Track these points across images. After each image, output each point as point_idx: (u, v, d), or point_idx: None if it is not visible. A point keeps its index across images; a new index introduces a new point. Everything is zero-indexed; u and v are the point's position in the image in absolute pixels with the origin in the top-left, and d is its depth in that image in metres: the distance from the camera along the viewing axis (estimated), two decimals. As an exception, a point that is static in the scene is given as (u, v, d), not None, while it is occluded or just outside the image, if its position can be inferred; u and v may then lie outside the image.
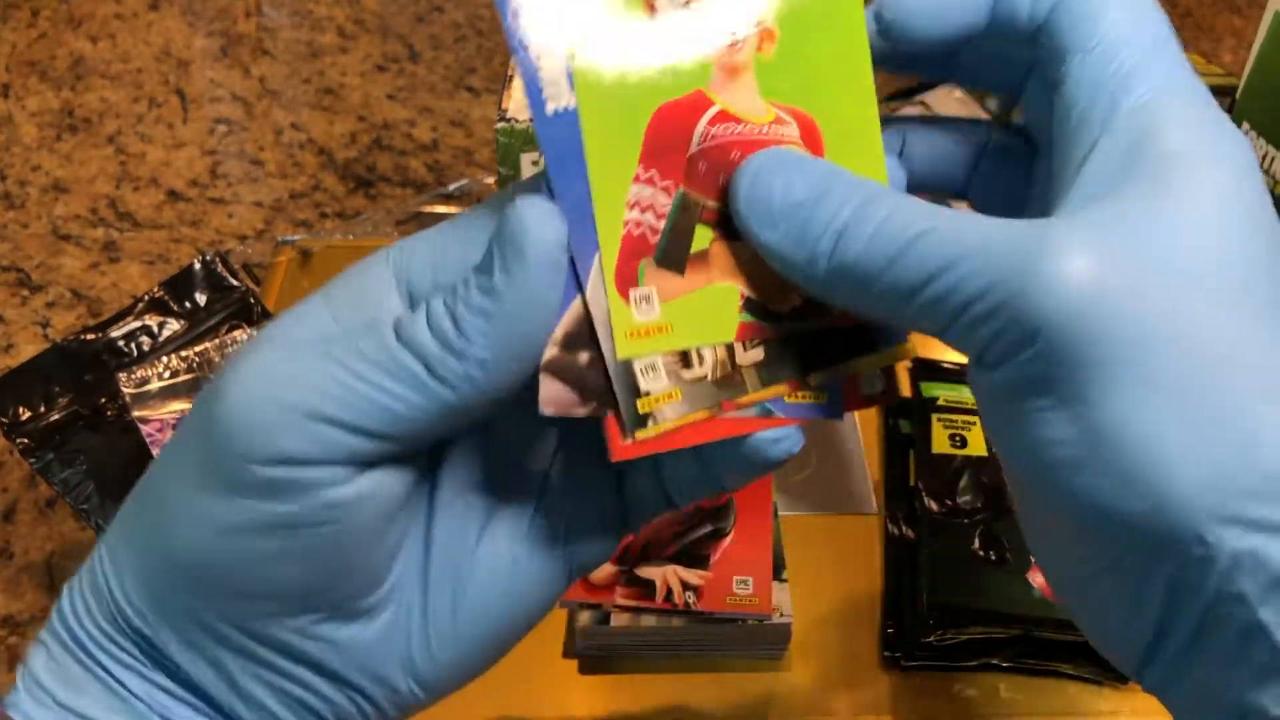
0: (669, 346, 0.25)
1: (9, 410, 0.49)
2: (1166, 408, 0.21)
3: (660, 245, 0.25)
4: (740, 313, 0.26)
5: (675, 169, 0.25)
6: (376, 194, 0.78)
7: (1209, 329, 0.22)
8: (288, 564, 0.24)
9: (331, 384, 0.23)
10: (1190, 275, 0.22)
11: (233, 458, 0.23)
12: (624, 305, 0.24)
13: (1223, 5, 1.03)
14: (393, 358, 0.23)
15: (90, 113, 0.85)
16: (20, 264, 0.71)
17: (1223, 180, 0.23)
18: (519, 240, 0.23)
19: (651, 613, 0.43)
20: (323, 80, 0.89)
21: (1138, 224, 0.22)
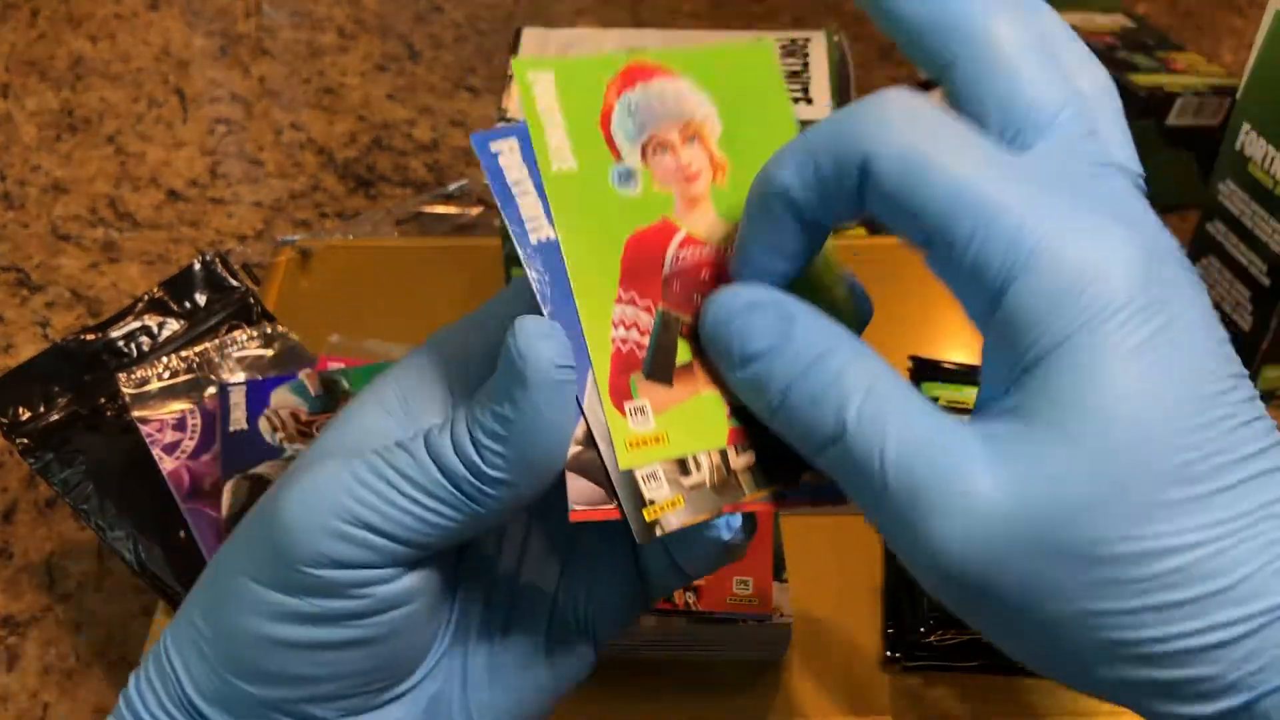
0: (666, 455, 0.26)
1: (8, 410, 0.49)
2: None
3: (647, 360, 0.27)
4: (729, 419, 0.27)
5: (653, 289, 0.27)
6: (376, 194, 0.77)
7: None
8: (343, 651, 0.27)
9: (375, 499, 0.26)
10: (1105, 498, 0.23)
11: (289, 561, 0.26)
12: (620, 417, 0.26)
13: (1223, 5, 1.02)
14: (426, 476, 0.26)
15: (90, 113, 0.85)
16: (20, 264, 0.71)
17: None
18: (519, 368, 0.25)
19: (651, 613, 0.43)
20: (322, 80, 0.89)
21: (1045, 459, 0.23)
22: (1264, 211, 0.59)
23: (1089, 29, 0.79)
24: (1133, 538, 0.23)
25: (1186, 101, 0.71)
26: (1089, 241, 0.24)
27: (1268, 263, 0.59)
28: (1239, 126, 0.60)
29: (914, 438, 0.24)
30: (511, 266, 0.58)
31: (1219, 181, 0.62)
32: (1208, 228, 0.63)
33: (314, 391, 0.50)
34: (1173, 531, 0.23)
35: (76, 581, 0.52)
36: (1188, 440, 0.23)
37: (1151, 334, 0.23)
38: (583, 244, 0.27)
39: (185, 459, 0.48)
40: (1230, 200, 0.61)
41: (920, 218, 0.24)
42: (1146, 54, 0.76)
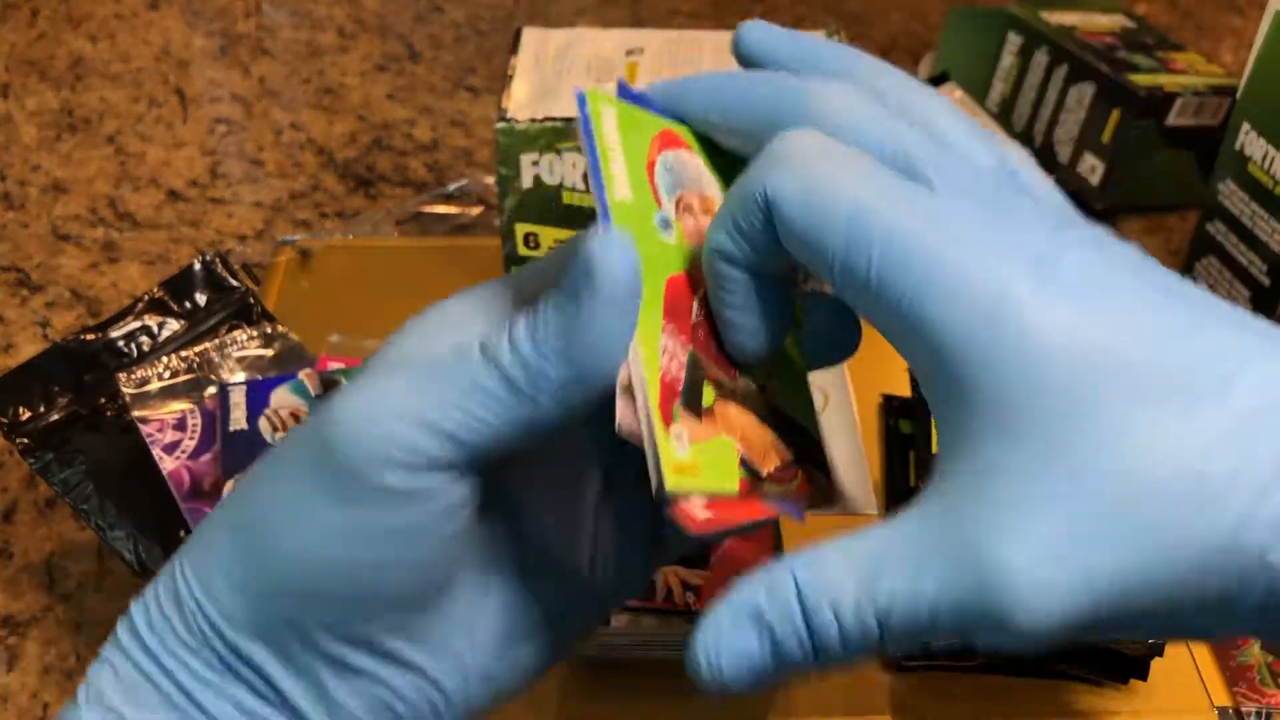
0: (695, 486, 0.26)
1: (8, 410, 0.49)
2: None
3: (684, 396, 0.27)
4: (740, 468, 0.28)
5: (686, 330, 0.28)
6: (376, 194, 0.77)
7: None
8: (396, 569, 0.26)
9: (434, 399, 0.26)
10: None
11: (346, 468, 0.25)
12: (669, 442, 0.26)
13: (1223, 5, 1.02)
14: (485, 374, 0.26)
15: (90, 113, 0.85)
16: (20, 264, 0.71)
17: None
18: (592, 269, 0.25)
19: (651, 613, 0.43)
20: (322, 80, 0.89)
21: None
22: (1264, 211, 0.59)
23: (1089, 29, 0.79)
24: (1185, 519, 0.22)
25: (1186, 101, 0.71)
26: (985, 254, 0.24)
27: (1268, 262, 0.59)
28: (1239, 126, 0.60)
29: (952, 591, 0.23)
30: (511, 266, 0.58)
31: (1219, 181, 0.62)
32: (1207, 228, 0.63)
33: (314, 391, 0.50)
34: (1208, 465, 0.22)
35: (77, 581, 0.52)
36: (1139, 389, 0.23)
37: (1067, 316, 0.23)
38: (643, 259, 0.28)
39: (185, 459, 0.48)
40: (1230, 200, 0.61)
41: (822, 251, 0.25)
42: (1146, 54, 0.76)
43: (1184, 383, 0.23)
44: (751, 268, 0.27)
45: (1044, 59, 0.78)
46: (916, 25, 0.98)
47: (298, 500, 0.26)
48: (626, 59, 0.57)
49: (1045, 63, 0.78)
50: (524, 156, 0.54)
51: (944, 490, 0.24)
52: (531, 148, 0.54)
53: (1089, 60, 0.74)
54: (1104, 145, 0.73)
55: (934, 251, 0.24)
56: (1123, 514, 0.22)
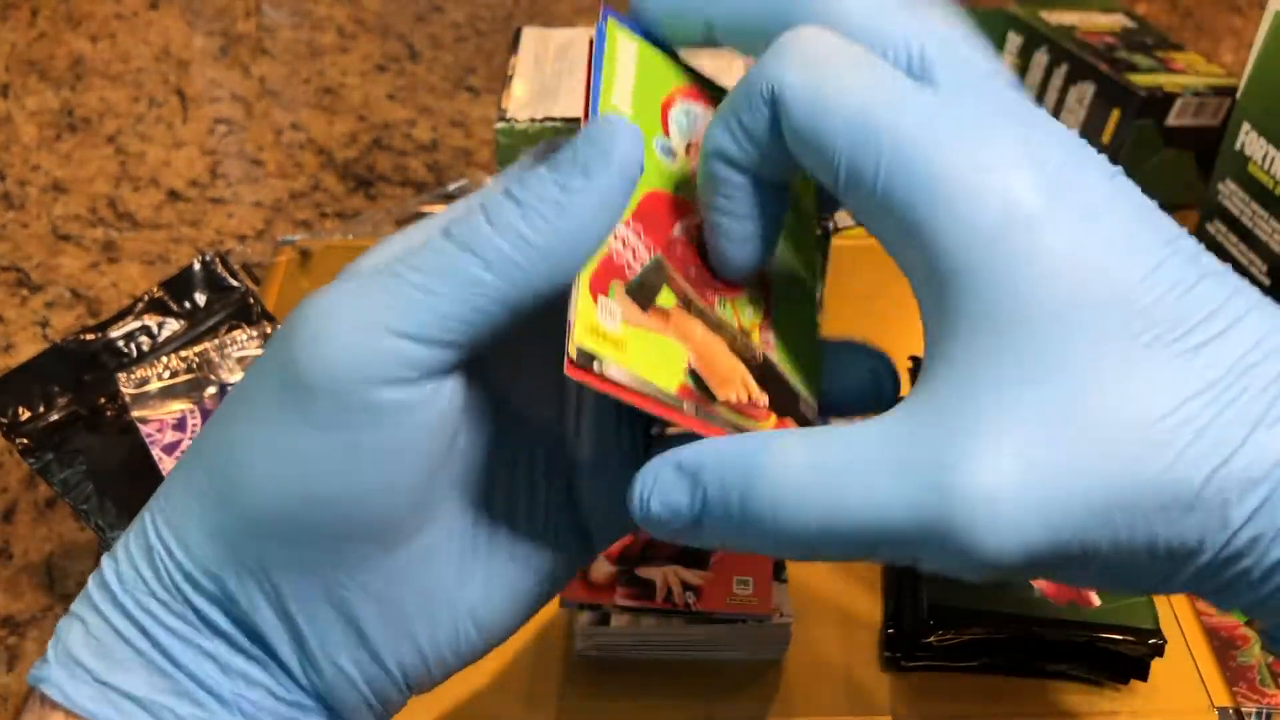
0: (618, 358, 0.26)
1: (8, 410, 0.49)
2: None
3: (633, 282, 0.27)
4: (685, 374, 0.27)
5: (658, 238, 0.28)
6: (376, 194, 0.77)
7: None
8: (383, 494, 0.25)
9: (397, 300, 0.24)
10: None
11: (329, 389, 0.24)
12: (591, 304, 0.26)
13: (1223, 5, 1.02)
14: (450, 257, 0.24)
15: (90, 112, 0.85)
16: (19, 264, 0.71)
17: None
18: (608, 146, 0.24)
19: (651, 613, 0.43)
20: (322, 80, 0.89)
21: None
22: (1264, 211, 0.59)
23: (1089, 29, 0.79)
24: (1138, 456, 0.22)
25: (1186, 101, 0.71)
26: (997, 163, 0.23)
27: (1268, 262, 0.59)
28: (1239, 126, 0.60)
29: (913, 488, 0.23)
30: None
31: (1219, 181, 0.62)
32: (1207, 227, 0.63)
33: (314, 391, 0.50)
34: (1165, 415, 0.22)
35: (76, 581, 0.52)
36: (1135, 328, 0.23)
37: (1073, 240, 0.23)
38: None
39: (185, 459, 0.48)
40: (1230, 200, 0.61)
41: (828, 151, 0.24)
42: (1146, 54, 0.76)
43: (1178, 331, 0.23)
44: (750, 169, 0.26)
45: (1044, 59, 0.78)
46: (916, 25, 0.98)
47: (272, 430, 0.24)
48: (626, 59, 0.57)
49: (1045, 62, 0.78)
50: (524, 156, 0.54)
51: (921, 401, 0.24)
52: (531, 147, 0.54)
53: (1089, 60, 0.74)
54: (1104, 145, 0.73)
55: (941, 157, 0.23)
56: (1094, 450, 0.22)
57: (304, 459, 0.24)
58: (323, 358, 0.24)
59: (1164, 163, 0.74)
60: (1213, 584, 0.24)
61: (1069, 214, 0.23)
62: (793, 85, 0.25)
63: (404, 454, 0.25)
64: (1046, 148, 0.24)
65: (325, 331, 0.24)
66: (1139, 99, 0.71)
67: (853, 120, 0.24)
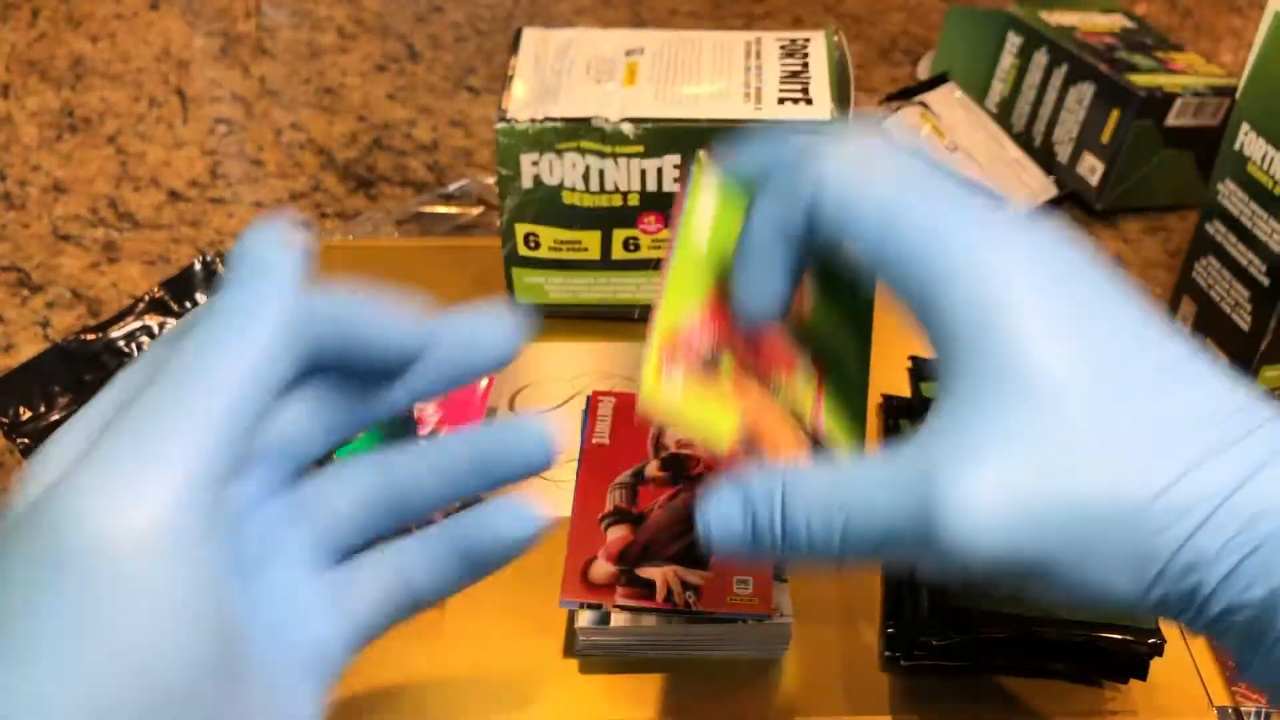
0: (673, 415, 0.33)
1: (9, 410, 0.49)
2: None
3: (700, 355, 0.34)
4: (738, 435, 0.33)
5: (723, 329, 0.35)
6: (377, 194, 0.78)
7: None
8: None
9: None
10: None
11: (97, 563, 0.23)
12: (657, 368, 0.33)
13: (1222, 5, 1.03)
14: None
15: (90, 113, 0.85)
16: (20, 264, 0.71)
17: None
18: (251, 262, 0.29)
19: (651, 613, 0.43)
20: (322, 80, 0.89)
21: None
22: (1263, 211, 0.59)
23: (1088, 29, 0.79)
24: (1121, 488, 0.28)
25: (1186, 102, 0.72)
26: (994, 248, 0.29)
27: (1267, 262, 0.59)
28: (1238, 126, 0.60)
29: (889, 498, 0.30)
30: (512, 267, 0.58)
31: (1218, 181, 0.62)
32: (1207, 228, 0.63)
33: (314, 391, 0.50)
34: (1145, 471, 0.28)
35: (77, 581, 0.52)
36: (1099, 385, 0.28)
37: (1069, 314, 0.29)
38: (690, 266, 0.35)
39: (186, 459, 0.48)
40: (1229, 200, 0.61)
41: (860, 234, 0.31)
42: (1146, 54, 0.76)
43: (1135, 387, 0.29)
44: (782, 240, 0.33)
45: (1043, 59, 0.78)
46: (916, 25, 0.98)
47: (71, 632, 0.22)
48: (626, 59, 0.57)
49: (1045, 63, 0.78)
50: (524, 157, 0.54)
51: (918, 436, 0.30)
52: (532, 148, 0.54)
53: (1088, 60, 0.74)
54: (1103, 145, 0.73)
55: (949, 246, 0.29)
56: (1056, 476, 0.28)
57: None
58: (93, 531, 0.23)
59: (1163, 163, 0.74)
60: (1175, 605, 0.29)
61: (1051, 301, 0.29)
62: (826, 182, 0.31)
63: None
64: (1033, 244, 0.30)
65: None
66: (1139, 99, 0.71)
67: (877, 212, 0.31)
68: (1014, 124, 0.81)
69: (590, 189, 0.55)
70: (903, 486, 0.29)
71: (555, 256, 0.57)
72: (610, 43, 0.58)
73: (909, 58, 0.93)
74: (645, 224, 0.56)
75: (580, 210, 0.55)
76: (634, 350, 0.58)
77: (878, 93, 0.84)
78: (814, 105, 0.53)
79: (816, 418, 0.35)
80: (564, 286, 0.58)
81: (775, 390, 0.35)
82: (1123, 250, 0.74)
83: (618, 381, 0.56)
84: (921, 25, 0.98)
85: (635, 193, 0.55)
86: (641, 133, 0.53)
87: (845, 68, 0.55)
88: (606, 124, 0.53)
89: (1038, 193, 0.75)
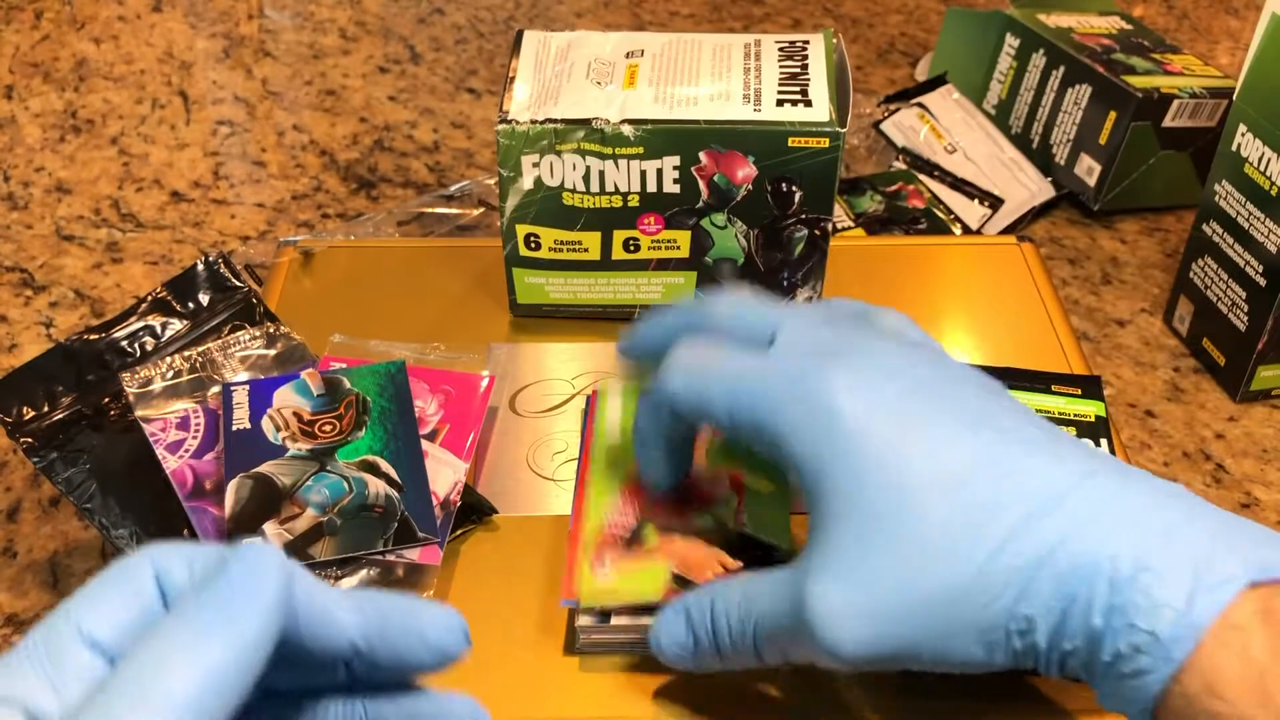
0: (612, 600, 0.43)
1: (12, 410, 0.49)
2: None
3: (625, 539, 0.44)
4: (669, 580, 0.42)
5: (642, 505, 0.45)
6: (378, 195, 0.78)
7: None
8: None
9: None
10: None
11: None
12: (589, 572, 0.43)
13: (1219, 7, 1.03)
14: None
15: (93, 114, 0.85)
16: (24, 264, 0.71)
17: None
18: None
19: (652, 612, 0.43)
20: (324, 82, 0.90)
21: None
22: (1260, 212, 0.59)
23: (1086, 31, 0.80)
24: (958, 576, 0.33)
25: (1183, 103, 0.72)
26: (817, 391, 0.36)
27: (1263, 263, 0.59)
28: (1235, 128, 0.60)
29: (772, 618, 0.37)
30: (513, 268, 0.58)
31: (1215, 182, 0.62)
32: (1204, 228, 0.64)
33: (316, 391, 0.50)
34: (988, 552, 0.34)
35: (80, 580, 0.53)
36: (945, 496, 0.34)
37: (883, 431, 0.35)
38: (605, 467, 0.46)
39: (189, 458, 0.48)
40: (1226, 201, 0.62)
41: (711, 417, 0.39)
42: (1143, 56, 0.77)
43: (969, 493, 0.34)
44: (660, 435, 0.42)
45: (1041, 61, 0.78)
46: (914, 27, 0.99)
47: None
48: (626, 61, 0.57)
49: (1042, 64, 0.78)
50: (525, 158, 0.54)
51: (800, 554, 0.36)
52: (532, 149, 0.54)
53: (1086, 62, 0.75)
54: (1101, 147, 0.73)
55: (774, 396, 0.37)
56: (903, 574, 0.34)
57: None
58: None
59: (1160, 164, 0.74)
60: (1026, 660, 0.34)
61: (880, 416, 0.35)
62: (677, 391, 0.39)
63: None
64: (865, 370, 0.36)
65: None
66: (1136, 101, 0.71)
67: (722, 398, 0.38)
68: (1012, 125, 0.81)
69: (590, 190, 0.55)
70: (786, 599, 0.36)
71: (556, 257, 0.57)
72: (610, 45, 0.58)
73: (907, 59, 0.94)
74: (645, 225, 0.56)
75: (580, 211, 0.56)
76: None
77: (876, 94, 0.85)
78: (813, 107, 0.54)
79: (740, 520, 0.44)
80: (564, 287, 0.59)
81: (699, 516, 0.44)
82: (1120, 251, 0.74)
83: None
84: (920, 27, 0.99)
85: (635, 194, 0.55)
86: (641, 134, 0.53)
87: (844, 70, 0.55)
88: (607, 126, 0.53)
89: (1035, 194, 0.76)
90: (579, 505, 0.46)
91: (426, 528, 0.46)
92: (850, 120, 0.57)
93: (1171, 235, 0.76)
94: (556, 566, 0.47)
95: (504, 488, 0.51)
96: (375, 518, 0.46)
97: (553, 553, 0.48)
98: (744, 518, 0.44)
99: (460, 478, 0.48)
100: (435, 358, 0.55)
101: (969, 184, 0.75)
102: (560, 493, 0.51)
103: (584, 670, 0.44)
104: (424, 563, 0.46)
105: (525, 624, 0.45)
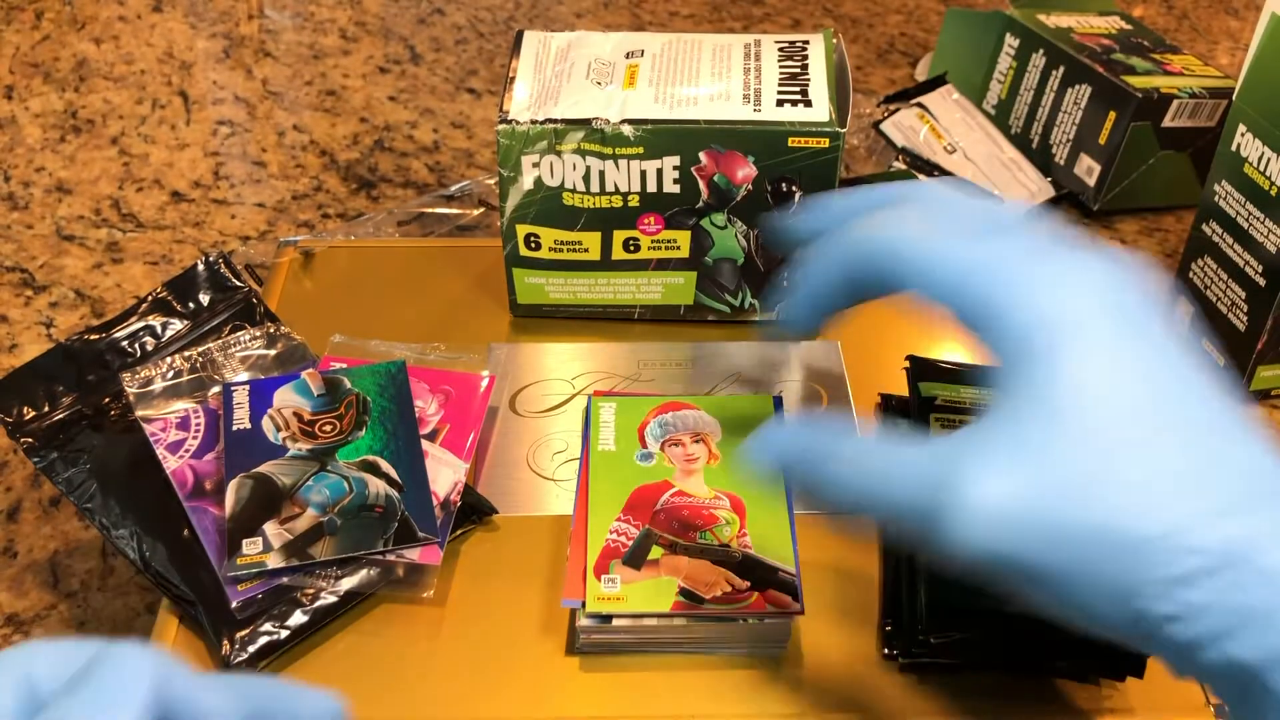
0: (620, 609, 0.43)
1: (13, 410, 0.49)
2: None
3: (626, 555, 0.45)
4: (677, 595, 0.43)
5: (644, 517, 0.46)
6: (378, 195, 0.78)
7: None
8: None
9: None
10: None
11: None
12: (596, 582, 0.44)
13: (1219, 7, 1.03)
14: None
15: (94, 114, 0.85)
16: (24, 264, 0.71)
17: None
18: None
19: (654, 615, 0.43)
20: (325, 82, 0.90)
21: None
22: (1259, 212, 0.59)
23: (1086, 31, 0.80)
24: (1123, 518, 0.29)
25: (1182, 103, 0.72)
26: (1052, 280, 0.32)
27: (1263, 263, 0.59)
28: (1234, 128, 0.60)
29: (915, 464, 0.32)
30: (513, 268, 0.58)
31: (1214, 182, 0.62)
32: (1203, 228, 0.64)
33: (317, 391, 0.50)
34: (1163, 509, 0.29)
35: (80, 580, 0.53)
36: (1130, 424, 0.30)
37: (1116, 350, 0.31)
38: (605, 480, 0.48)
39: (189, 458, 0.48)
40: (1225, 201, 0.62)
41: (938, 286, 0.34)
42: (1143, 56, 0.77)
43: (1161, 431, 0.30)
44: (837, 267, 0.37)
45: (1041, 61, 0.78)
46: (914, 27, 0.99)
47: None
48: (626, 61, 0.57)
49: (1042, 65, 0.78)
50: (525, 158, 0.54)
51: (956, 433, 0.32)
52: (532, 149, 0.54)
53: (1086, 62, 0.75)
54: (1100, 147, 0.73)
55: (1015, 287, 0.32)
56: (1065, 498, 0.30)
57: None
58: None
59: (1160, 164, 0.74)
60: (1159, 645, 0.30)
61: (1099, 334, 0.31)
62: (909, 239, 0.35)
63: None
64: (1096, 280, 0.32)
65: None
66: (1136, 101, 0.71)
67: (957, 265, 0.33)
68: (1011, 125, 0.81)
69: (590, 190, 0.55)
70: (926, 469, 0.32)
71: (556, 257, 0.57)
72: (610, 45, 0.58)
73: (907, 59, 0.94)
74: (645, 225, 0.56)
75: (580, 211, 0.56)
76: (634, 350, 0.58)
77: (876, 94, 0.85)
78: (813, 107, 0.54)
79: (744, 547, 0.45)
80: (564, 287, 0.59)
81: (702, 535, 0.45)
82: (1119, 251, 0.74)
83: (618, 382, 0.56)
84: (919, 27, 0.99)
85: (635, 194, 0.55)
86: (641, 134, 0.53)
87: (844, 70, 0.55)
88: (607, 126, 0.53)
89: (1035, 193, 0.76)
90: (581, 508, 0.46)
91: (427, 528, 0.46)
92: (850, 120, 0.57)
93: (1171, 235, 0.76)
94: (557, 566, 0.47)
95: (504, 488, 0.51)
96: (375, 518, 0.46)
97: (553, 553, 0.48)
98: (747, 539, 0.45)
99: (460, 478, 0.48)
100: (435, 358, 0.55)
101: (969, 184, 0.75)
102: (560, 493, 0.51)
103: (585, 670, 0.44)
104: (424, 563, 0.46)
105: (526, 624, 0.45)
